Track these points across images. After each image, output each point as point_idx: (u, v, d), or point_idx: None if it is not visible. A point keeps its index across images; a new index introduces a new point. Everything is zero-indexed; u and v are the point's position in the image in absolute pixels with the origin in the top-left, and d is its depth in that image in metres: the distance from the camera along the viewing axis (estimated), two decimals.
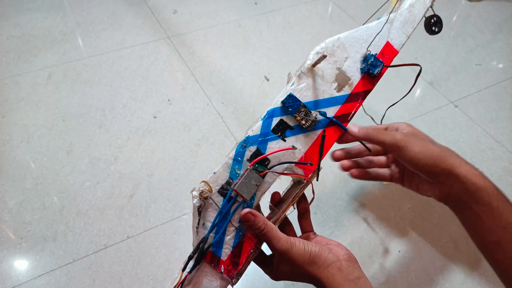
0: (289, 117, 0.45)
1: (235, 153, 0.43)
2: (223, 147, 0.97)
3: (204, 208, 0.42)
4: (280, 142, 0.44)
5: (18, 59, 1.18)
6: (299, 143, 0.45)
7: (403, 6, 0.54)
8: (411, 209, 0.86)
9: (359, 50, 0.50)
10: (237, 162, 0.43)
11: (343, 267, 0.39)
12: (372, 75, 0.48)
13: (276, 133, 0.44)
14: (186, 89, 1.13)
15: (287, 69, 1.22)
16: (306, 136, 0.46)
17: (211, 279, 0.41)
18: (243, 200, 0.42)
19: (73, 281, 0.71)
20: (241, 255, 0.42)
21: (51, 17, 1.35)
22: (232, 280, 0.42)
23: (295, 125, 0.45)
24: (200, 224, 0.41)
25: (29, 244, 0.76)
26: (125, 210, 0.83)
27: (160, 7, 1.44)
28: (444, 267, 0.77)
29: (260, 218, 0.40)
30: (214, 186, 0.42)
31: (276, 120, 0.45)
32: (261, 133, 0.44)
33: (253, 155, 0.43)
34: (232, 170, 0.43)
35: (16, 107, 1.04)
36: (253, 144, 0.43)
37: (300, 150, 0.45)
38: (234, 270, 0.42)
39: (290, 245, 0.39)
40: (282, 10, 1.48)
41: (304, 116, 0.45)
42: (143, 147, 0.96)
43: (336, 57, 0.48)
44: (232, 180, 0.42)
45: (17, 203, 0.83)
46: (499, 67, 1.29)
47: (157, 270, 0.73)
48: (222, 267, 0.41)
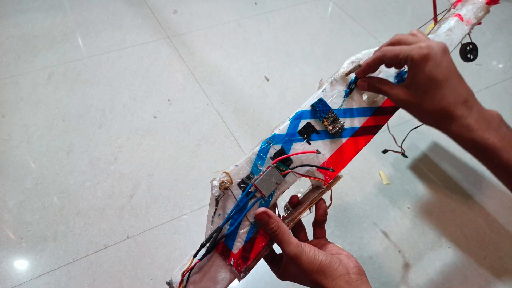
0: (317, 121, 0.45)
1: (259, 149, 0.43)
2: (223, 147, 0.97)
3: (222, 199, 0.42)
4: (305, 144, 0.44)
5: (18, 59, 1.18)
6: (323, 148, 0.45)
7: (441, 29, 0.54)
8: (411, 209, 0.86)
9: None
10: (260, 158, 0.43)
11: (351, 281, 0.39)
12: None
13: (302, 135, 0.44)
14: (186, 89, 1.13)
15: (287, 69, 1.22)
16: (331, 142, 0.45)
17: (219, 270, 0.41)
18: (261, 196, 0.42)
19: (73, 281, 0.71)
20: (252, 251, 0.42)
21: (51, 17, 1.35)
22: (240, 275, 0.41)
23: (322, 129, 0.45)
24: (216, 214, 0.42)
25: (29, 244, 0.76)
26: (125, 210, 0.83)
27: (160, 7, 1.44)
28: (444, 267, 0.77)
29: (274, 219, 0.40)
30: (235, 179, 0.42)
31: (304, 123, 0.45)
32: (287, 133, 0.44)
33: (277, 154, 0.43)
34: (255, 165, 0.43)
35: (16, 107, 1.04)
36: (278, 143, 0.44)
37: (324, 156, 0.45)
38: (243, 265, 0.41)
39: (301, 251, 0.39)
40: (282, 10, 1.48)
41: (332, 122, 0.45)
42: (143, 147, 0.96)
43: None
44: (253, 175, 0.42)
45: (17, 203, 0.83)
46: (499, 67, 1.29)
47: (157, 270, 0.73)
48: (232, 260, 0.41)
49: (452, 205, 0.87)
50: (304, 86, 1.17)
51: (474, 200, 0.89)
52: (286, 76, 1.20)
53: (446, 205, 0.87)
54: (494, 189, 0.91)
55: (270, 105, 1.10)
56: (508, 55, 1.34)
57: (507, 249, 0.80)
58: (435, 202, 0.88)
